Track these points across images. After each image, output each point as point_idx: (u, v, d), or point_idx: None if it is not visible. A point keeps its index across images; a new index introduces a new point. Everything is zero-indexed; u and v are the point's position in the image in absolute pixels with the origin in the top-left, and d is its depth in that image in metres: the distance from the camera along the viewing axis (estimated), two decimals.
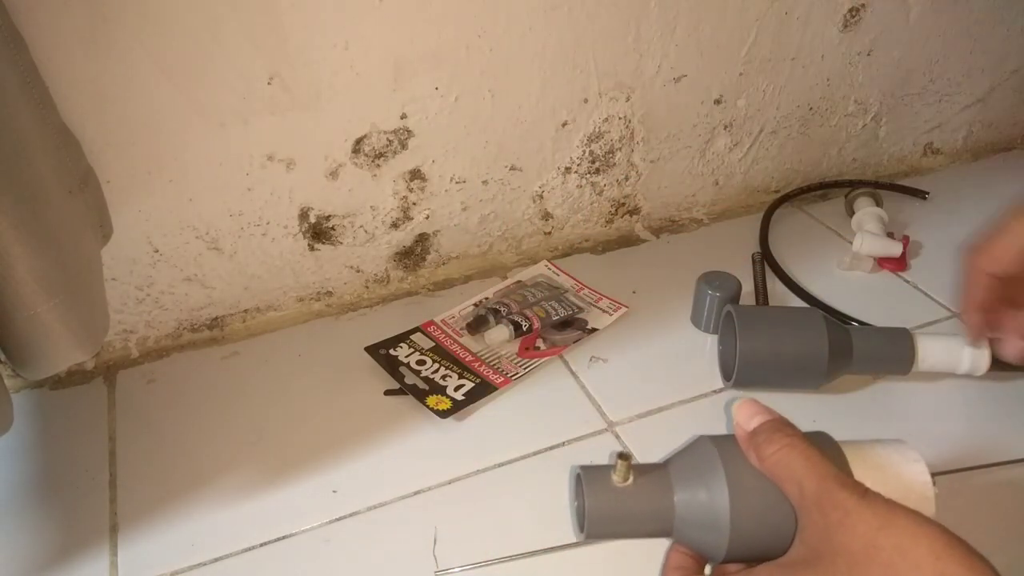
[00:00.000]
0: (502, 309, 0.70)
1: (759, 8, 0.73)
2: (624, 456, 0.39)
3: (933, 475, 0.39)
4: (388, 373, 0.64)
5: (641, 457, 0.57)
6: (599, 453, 0.58)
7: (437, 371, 0.64)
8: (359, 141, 0.66)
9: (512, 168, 0.74)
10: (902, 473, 0.39)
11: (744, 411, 0.40)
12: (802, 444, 0.36)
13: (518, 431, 0.59)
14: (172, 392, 0.66)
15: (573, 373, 0.65)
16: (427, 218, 0.73)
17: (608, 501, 0.39)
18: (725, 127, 0.80)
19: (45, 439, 0.62)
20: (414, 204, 0.72)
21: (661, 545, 0.50)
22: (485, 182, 0.73)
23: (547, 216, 0.79)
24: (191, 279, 0.68)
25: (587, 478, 0.40)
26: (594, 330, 0.69)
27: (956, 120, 0.92)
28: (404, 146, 0.68)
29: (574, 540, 0.51)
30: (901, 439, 0.42)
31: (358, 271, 0.74)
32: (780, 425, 0.38)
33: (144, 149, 0.60)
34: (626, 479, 0.39)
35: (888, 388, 0.62)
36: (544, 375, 0.65)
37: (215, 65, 0.59)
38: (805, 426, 0.39)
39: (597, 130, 0.75)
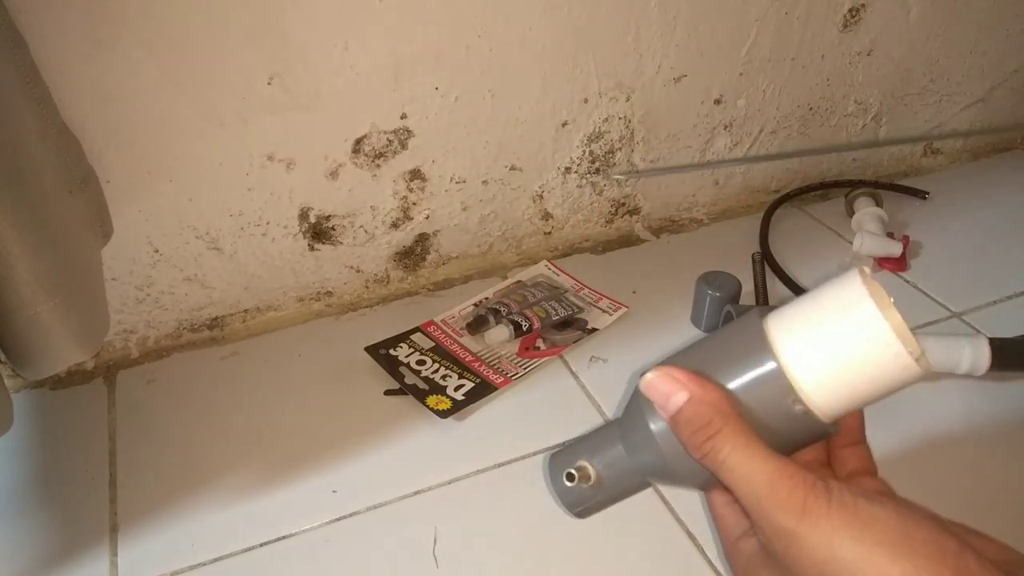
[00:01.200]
0: (502, 309, 0.70)
1: (759, 8, 0.73)
2: (571, 476, 0.36)
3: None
4: (388, 373, 0.64)
5: None
6: None
7: (437, 371, 0.64)
8: (359, 141, 0.66)
9: (512, 168, 0.74)
10: (860, 351, 0.29)
11: (656, 392, 0.32)
12: (725, 448, 0.30)
13: (518, 431, 0.59)
14: (172, 392, 0.66)
15: (573, 373, 0.65)
16: (427, 218, 0.73)
17: (578, 495, 0.37)
18: (725, 127, 0.80)
19: (45, 439, 0.62)
20: (414, 204, 0.72)
21: (661, 541, 0.50)
22: (485, 182, 0.73)
23: (547, 216, 0.79)
24: (191, 279, 0.68)
25: (554, 477, 0.37)
26: (594, 330, 0.69)
27: (956, 120, 0.92)
28: (404, 146, 0.68)
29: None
30: (856, 268, 0.31)
31: (358, 271, 0.74)
32: (699, 421, 0.31)
33: (144, 149, 0.60)
34: (587, 479, 0.36)
35: None
36: (544, 375, 0.65)
37: (215, 65, 0.59)
38: None
39: (597, 130, 0.75)
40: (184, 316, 0.70)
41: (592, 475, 0.36)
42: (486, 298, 0.73)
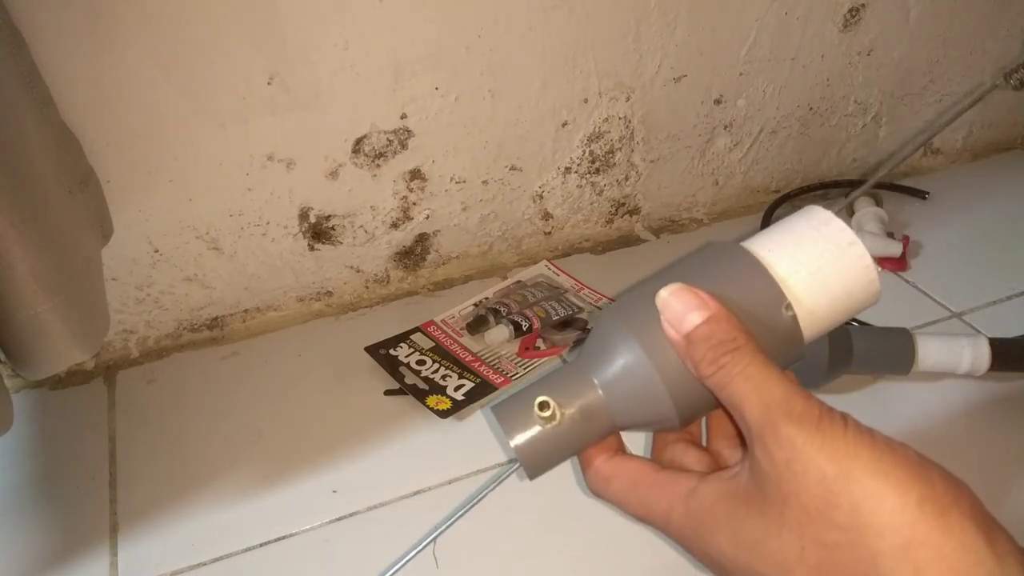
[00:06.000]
0: (502, 309, 0.70)
1: (759, 8, 0.73)
2: (544, 404, 0.32)
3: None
4: (388, 373, 0.64)
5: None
6: None
7: (437, 371, 0.64)
8: (359, 141, 0.66)
9: (512, 168, 0.74)
10: (837, 262, 0.31)
11: (673, 307, 0.30)
12: (743, 362, 0.29)
13: None
14: (172, 392, 0.66)
15: None
16: (427, 218, 0.73)
17: (539, 444, 0.33)
18: (725, 127, 0.80)
19: (45, 439, 0.62)
20: (414, 204, 0.72)
21: (661, 542, 0.50)
22: (485, 182, 0.73)
23: (547, 216, 0.79)
24: (191, 279, 0.68)
25: (508, 428, 0.33)
26: None
27: (956, 120, 0.92)
28: (404, 146, 0.68)
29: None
30: (812, 208, 0.34)
31: (358, 271, 0.74)
32: (719, 338, 0.29)
33: (144, 149, 0.60)
34: (553, 419, 0.33)
35: (888, 388, 0.62)
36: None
37: (215, 65, 0.59)
38: None
39: (597, 130, 0.75)
40: (184, 316, 0.70)
41: (557, 416, 0.32)
42: (486, 298, 0.73)
